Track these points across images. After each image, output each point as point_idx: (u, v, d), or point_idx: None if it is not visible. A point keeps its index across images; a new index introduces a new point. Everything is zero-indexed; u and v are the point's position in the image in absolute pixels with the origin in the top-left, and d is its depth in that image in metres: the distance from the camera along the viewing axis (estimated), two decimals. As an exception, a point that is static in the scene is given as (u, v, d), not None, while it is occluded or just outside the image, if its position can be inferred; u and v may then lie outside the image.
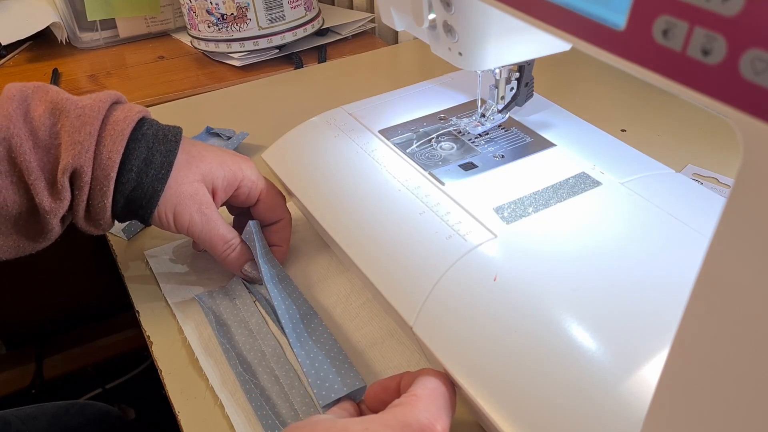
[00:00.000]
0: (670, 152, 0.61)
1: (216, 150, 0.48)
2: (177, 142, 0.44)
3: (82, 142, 0.40)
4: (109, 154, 0.41)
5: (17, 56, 0.94)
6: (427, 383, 0.33)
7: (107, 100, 0.43)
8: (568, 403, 0.33)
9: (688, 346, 0.23)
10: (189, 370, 0.43)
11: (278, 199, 0.50)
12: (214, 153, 0.47)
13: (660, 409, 0.25)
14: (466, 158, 0.49)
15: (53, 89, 0.43)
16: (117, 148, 0.41)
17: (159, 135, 0.43)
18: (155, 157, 0.43)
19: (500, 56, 0.43)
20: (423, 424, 0.30)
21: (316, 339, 0.43)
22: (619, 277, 0.38)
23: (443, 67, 0.54)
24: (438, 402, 0.32)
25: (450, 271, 0.40)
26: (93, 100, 0.42)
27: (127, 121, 0.42)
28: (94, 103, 0.42)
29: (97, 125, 0.41)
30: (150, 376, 1.07)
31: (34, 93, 0.42)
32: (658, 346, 0.33)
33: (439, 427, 0.31)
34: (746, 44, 0.17)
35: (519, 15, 0.27)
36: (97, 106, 0.42)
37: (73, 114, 0.41)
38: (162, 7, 0.97)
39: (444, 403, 0.33)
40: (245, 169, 0.47)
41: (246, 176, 0.47)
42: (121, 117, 0.42)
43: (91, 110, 0.41)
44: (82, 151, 0.40)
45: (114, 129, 0.41)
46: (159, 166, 0.43)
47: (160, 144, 0.43)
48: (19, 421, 0.58)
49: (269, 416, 0.39)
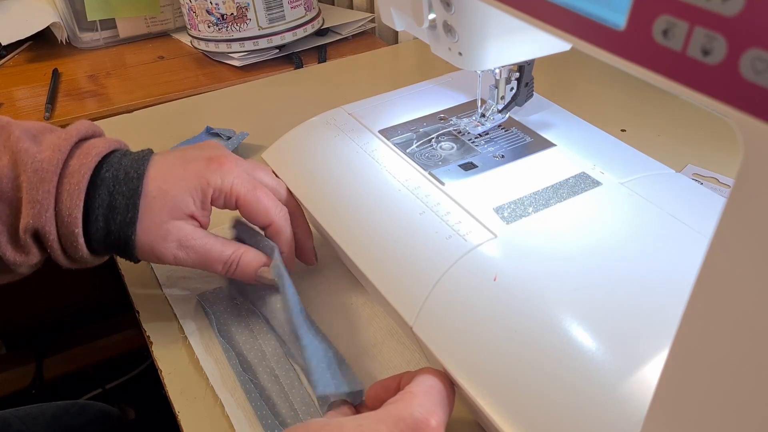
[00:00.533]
0: (670, 152, 0.61)
1: (180, 168, 0.43)
2: (139, 178, 0.41)
3: (41, 200, 0.38)
4: (69, 211, 0.39)
5: (17, 56, 0.94)
6: (425, 380, 0.33)
7: (67, 145, 0.40)
8: (568, 402, 0.33)
9: (688, 346, 0.23)
10: (189, 370, 0.43)
11: (261, 204, 0.44)
12: (180, 174, 0.42)
13: (660, 409, 0.25)
14: (466, 158, 0.49)
15: (15, 133, 0.40)
16: (76, 203, 0.39)
17: (120, 175, 0.41)
18: (118, 200, 0.40)
19: (500, 56, 0.43)
20: (417, 418, 0.30)
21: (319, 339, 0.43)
22: (619, 277, 0.38)
23: (443, 67, 0.54)
24: (434, 398, 0.32)
25: (450, 271, 0.40)
26: (52, 149, 0.40)
27: (83, 170, 0.40)
28: (52, 155, 0.39)
29: (55, 181, 0.39)
30: (150, 376, 1.07)
31: None
32: (658, 346, 0.33)
33: (433, 421, 0.31)
34: (746, 44, 0.17)
35: (519, 15, 0.27)
36: (55, 159, 0.39)
37: (30, 168, 0.39)
38: (162, 7, 0.97)
39: (440, 399, 0.33)
40: (213, 179, 0.43)
41: (215, 186, 0.43)
42: (77, 166, 0.40)
43: (49, 163, 0.39)
44: (42, 211, 0.38)
45: (70, 182, 0.39)
46: (124, 209, 0.41)
47: (122, 185, 0.41)
48: (19, 421, 0.58)
49: (269, 416, 0.39)
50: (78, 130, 0.42)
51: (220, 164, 0.43)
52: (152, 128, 0.72)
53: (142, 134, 0.71)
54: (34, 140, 0.41)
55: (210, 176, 0.43)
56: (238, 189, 0.43)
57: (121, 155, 0.43)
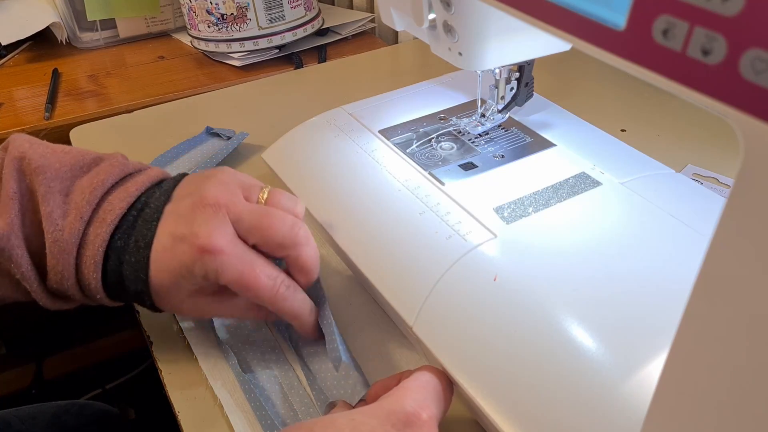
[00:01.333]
0: (670, 152, 0.61)
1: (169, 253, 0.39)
2: (147, 246, 0.39)
3: (62, 272, 0.39)
4: (88, 281, 0.39)
5: (17, 56, 0.94)
6: (420, 376, 0.34)
7: (89, 210, 0.39)
8: (568, 403, 0.33)
9: (689, 346, 0.23)
10: (189, 371, 0.43)
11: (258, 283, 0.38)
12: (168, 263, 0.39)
13: (660, 409, 0.25)
14: (466, 158, 0.49)
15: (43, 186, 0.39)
16: (93, 275, 0.39)
17: (129, 245, 0.40)
18: (127, 271, 0.40)
19: (500, 56, 0.43)
20: (408, 412, 0.30)
21: None
22: (619, 277, 0.38)
23: (443, 67, 0.54)
24: (427, 392, 0.32)
25: (450, 271, 0.40)
26: (74, 215, 0.39)
27: (98, 242, 0.39)
28: (73, 224, 0.39)
29: (74, 252, 0.39)
30: (150, 376, 1.07)
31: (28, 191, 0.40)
32: (658, 346, 0.33)
33: (425, 415, 0.31)
34: (746, 44, 0.17)
35: (519, 15, 0.27)
36: (75, 229, 0.39)
37: (50, 238, 0.39)
38: (162, 7, 0.97)
39: (434, 394, 0.33)
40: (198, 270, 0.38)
41: (201, 275, 0.38)
42: (92, 237, 0.39)
43: (70, 234, 0.39)
44: (63, 280, 0.39)
45: (86, 254, 0.39)
46: (133, 281, 0.40)
47: (131, 255, 0.40)
48: (19, 421, 0.58)
49: (268, 416, 0.39)
50: (111, 175, 0.41)
51: (210, 256, 0.38)
52: (152, 128, 0.72)
53: (142, 134, 0.71)
54: (61, 192, 0.40)
55: (195, 267, 0.38)
56: (228, 278, 0.38)
57: (137, 213, 0.41)
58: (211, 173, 0.42)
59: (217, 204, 0.39)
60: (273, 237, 0.39)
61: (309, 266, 0.41)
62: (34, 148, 0.41)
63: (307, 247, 0.40)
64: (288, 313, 0.40)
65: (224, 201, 0.39)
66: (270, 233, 0.39)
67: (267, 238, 0.39)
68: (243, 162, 0.65)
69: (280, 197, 0.41)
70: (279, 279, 0.39)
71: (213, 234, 0.38)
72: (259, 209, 0.40)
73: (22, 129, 0.74)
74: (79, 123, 0.74)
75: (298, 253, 0.40)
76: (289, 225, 0.39)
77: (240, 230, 0.39)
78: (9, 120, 0.76)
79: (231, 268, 0.38)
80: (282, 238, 0.39)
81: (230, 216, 0.39)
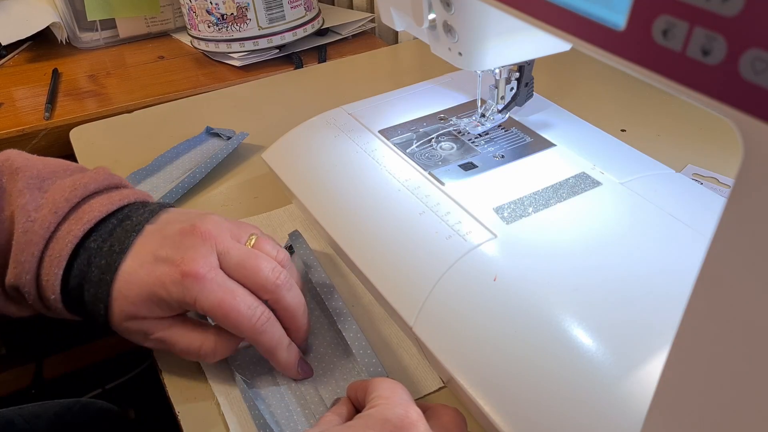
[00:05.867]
0: (670, 152, 0.61)
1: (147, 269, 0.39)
2: (121, 252, 0.39)
3: (23, 263, 0.38)
4: (48, 277, 0.38)
5: (17, 56, 0.94)
6: (384, 384, 0.35)
7: (66, 207, 0.39)
8: (568, 403, 0.33)
9: (688, 346, 0.23)
10: (189, 370, 0.43)
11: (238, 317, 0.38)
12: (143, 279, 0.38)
13: (660, 409, 0.25)
14: (466, 158, 0.49)
15: (20, 182, 0.39)
16: (55, 272, 0.38)
17: (103, 248, 0.39)
18: (93, 273, 0.39)
19: (500, 56, 0.43)
20: (400, 415, 0.32)
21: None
22: (619, 277, 0.38)
23: (443, 67, 0.54)
24: (403, 397, 0.34)
25: (450, 271, 0.40)
26: (49, 209, 0.39)
27: (69, 237, 0.38)
28: (46, 216, 0.38)
29: (41, 245, 0.38)
30: (150, 376, 1.07)
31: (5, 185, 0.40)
32: (658, 346, 0.33)
33: (413, 414, 0.32)
34: (746, 44, 0.17)
35: (519, 15, 0.27)
36: (47, 221, 0.38)
37: (21, 228, 0.38)
38: (162, 7, 0.97)
39: (408, 397, 0.34)
40: (175, 293, 0.38)
41: (179, 301, 0.38)
42: (65, 232, 0.39)
43: (40, 226, 0.38)
44: (23, 273, 0.38)
45: (54, 248, 0.38)
46: (96, 283, 0.39)
47: (103, 257, 0.39)
48: (23, 419, 0.58)
49: (260, 416, 0.39)
50: (94, 181, 0.41)
51: (192, 280, 0.37)
52: (152, 128, 0.72)
53: (142, 134, 0.71)
54: (40, 188, 0.40)
55: (172, 289, 0.38)
56: (208, 304, 0.38)
57: (117, 222, 0.41)
58: (204, 213, 0.42)
59: (207, 234, 0.39)
60: (256, 278, 0.39)
61: (292, 310, 0.41)
62: (21, 155, 0.41)
63: (289, 293, 0.40)
64: (265, 346, 0.40)
65: (214, 233, 0.40)
66: (254, 273, 0.39)
67: (251, 277, 0.39)
68: (243, 162, 0.65)
69: (265, 243, 0.42)
70: (259, 310, 0.39)
71: (197, 260, 0.38)
72: (246, 249, 0.40)
73: (22, 129, 0.74)
74: (79, 123, 0.74)
75: (280, 297, 0.40)
76: (271, 269, 0.40)
77: (225, 265, 0.39)
78: (9, 120, 0.76)
79: (211, 294, 0.38)
80: (265, 279, 0.39)
81: (218, 248, 0.39)
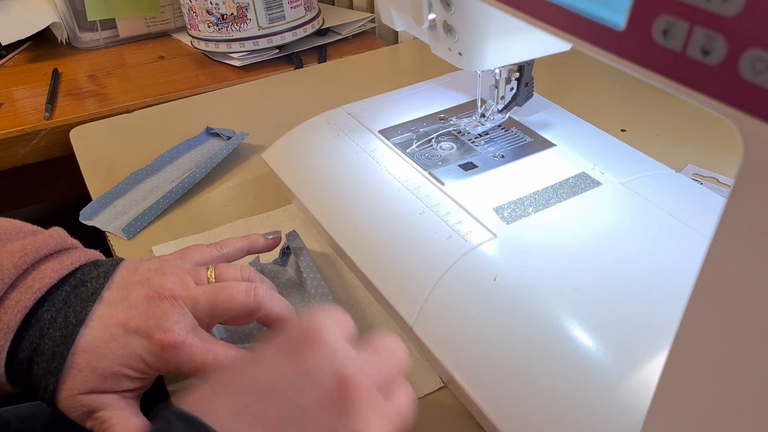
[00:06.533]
0: (670, 152, 0.61)
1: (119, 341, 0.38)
2: (78, 323, 0.37)
3: None
4: None
5: (17, 56, 0.94)
6: None
7: (13, 274, 0.37)
8: (568, 403, 0.33)
9: (689, 346, 0.23)
10: (189, 370, 0.43)
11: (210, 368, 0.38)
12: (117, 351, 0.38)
13: (660, 409, 0.25)
14: (466, 158, 0.49)
15: None
16: (1, 344, 0.37)
17: (58, 319, 0.38)
18: (46, 346, 0.37)
19: (500, 56, 0.43)
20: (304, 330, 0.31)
21: None
22: (619, 277, 0.38)
23: (443, 67, 0.54)
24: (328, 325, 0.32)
25: (450, 271, 0.40)
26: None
27: (18, 307, 0.37)
28: None
29: None
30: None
31: None
32: (658, 346, 0.33)
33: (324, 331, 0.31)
34: (746, 44, 0.17)
35: (519, 15, 0.27)
36: None
37: None
38: (162, 7, 0.97)
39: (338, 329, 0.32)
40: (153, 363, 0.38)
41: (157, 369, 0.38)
42: (13, 302, 0.37)
43: None
44: None
45: (1, 319, 0.37)
46: (50, 356, 0.37)
47: (58, 329, 0.37)
48: (18, 419, 0.58)
49: None
50: (46, 245, 0.39)
51: (172, 350, 0.37)
52: (152, 128, 0.72)
53: (142, 134, 0.71)
54: None
55: (151, 361, 0.38)
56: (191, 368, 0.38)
57: (71, 289, 0.39)
58: (155, 266, 0.41)
59: (173, 296, 0.39)
60: (235, 308, 0.39)
61: (282, 316, 0.41)
62: None
63: (272, 303, 0.40)
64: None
65: (179, 292, 0.39)
66: (231, 306, 0.39)
67: (230, 311, 0.39)
68: (243, 162, 0.65)
69: (226, 271, 0.42)
70: None
71: (172, 328, 0.37)
72: (213, 288, 0.40)
73: (22, 129, 0.74)
74: (79, 123, 0.74)
75: (266, 311, 0.40)
76: (244, 292, 0.39)
77: (201, 315, 0.39)
78: (9, 120, 0.76)
79: (193, 360, 0.37)
80: (243, 305, 0.39)
81: (188, 305, 0.39)
